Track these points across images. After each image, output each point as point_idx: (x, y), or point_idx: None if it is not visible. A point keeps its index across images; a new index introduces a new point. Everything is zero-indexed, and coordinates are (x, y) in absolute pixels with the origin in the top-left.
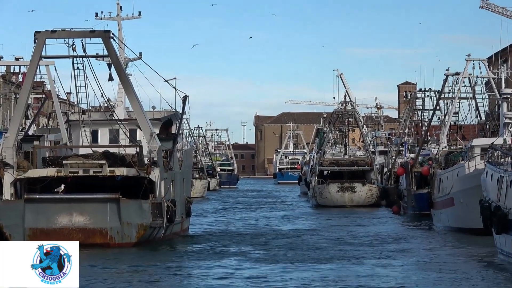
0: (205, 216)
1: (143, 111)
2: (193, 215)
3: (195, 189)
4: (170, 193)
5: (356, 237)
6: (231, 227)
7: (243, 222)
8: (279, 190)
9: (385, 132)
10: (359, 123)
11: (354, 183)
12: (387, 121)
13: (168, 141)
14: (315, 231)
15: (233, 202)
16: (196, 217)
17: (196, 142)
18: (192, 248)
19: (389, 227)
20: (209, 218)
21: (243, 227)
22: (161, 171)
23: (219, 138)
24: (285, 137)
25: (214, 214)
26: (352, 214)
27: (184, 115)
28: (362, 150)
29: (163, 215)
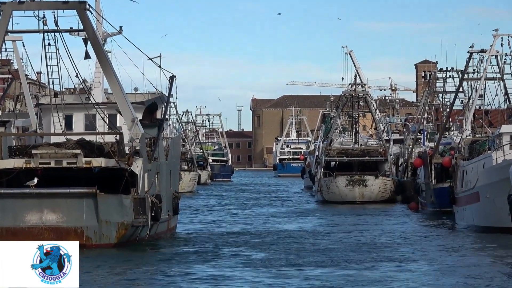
0: (195, 213)
1: (124, 93)
2: (181, 213)
3: (183, 182)
4: (155, 187)
5: (368, 238)
6: (225, 226)
7: (238, 220)
8: (279, 184)
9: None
10: (371, 107)
11: (365, 176)
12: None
13: (153, 127)
14: (321, 231)
15: (227, 198)
16: (184, 215)
17: (184, 129)
18: (180, 250)
19: (405, 226)
20: (200, 216)
21: (238, 227)
22: (145, 162)
23: (211, 124)
24: (287, 123)
25: (205, 212)
26: (363, 211)
27: (171, 98)
28: (375, 138)
29: (147, 212)
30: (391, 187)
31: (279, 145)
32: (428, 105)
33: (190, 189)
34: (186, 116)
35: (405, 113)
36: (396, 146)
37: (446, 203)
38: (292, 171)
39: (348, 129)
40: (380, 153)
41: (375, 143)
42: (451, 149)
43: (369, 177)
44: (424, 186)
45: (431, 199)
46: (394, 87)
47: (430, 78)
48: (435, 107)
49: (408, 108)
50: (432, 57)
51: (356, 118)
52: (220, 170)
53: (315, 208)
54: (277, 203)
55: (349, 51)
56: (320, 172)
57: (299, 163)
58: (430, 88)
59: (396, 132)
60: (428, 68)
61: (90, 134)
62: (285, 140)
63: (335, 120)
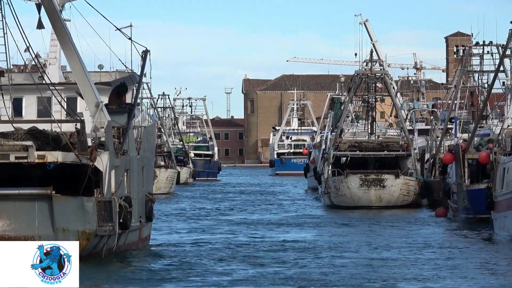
0: (172, 220)
1: (86, 72)
2: (156, 219)
3: (159, 182)
4: (124, 188)
5: (387, 253)
6: (209, 236)
7: (225, 229)
8: (277, 184)
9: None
10: (390, 90)
11: (383, 175)
12: (430, 87)
13: (121, 114)
14: (327, 244)
15: (213, 201)
16: (160, 222)
17: (160, 116)
18: (154, 266)
19: (432, 236)
20: (179, 224)
21: (224, 237)
22: (111, 156)
23: (193, 110)
24: (287, 109)
25: (185, 218)
26: (380, 219)
27: (144, 77)
28: (395, 128)
29: (114, 218)
30: (415, 188)
31: (277, 136)
32: (461, 87)
33: (167, 190)
34: (163, 100)
35: (433, 97)
36: (421, 138)
37: (483, 209)
38: (293, 168)
39: (363, 117)
40: (401, 147)
41: (395, 134)
42: (489, 142)
43: (388, 176)
44: (456, 187)
45: (464, 203)
46: (419, 65)
47: (464, 54)
48: (470, 90)
49: (436, 92)
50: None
51: (373, 103)
52: (204, 167)
53: (321, 215)
54: (273, 209)
55: (364, 20)
56: (327, 170)
57: (301, 159)
58: (464, 67)
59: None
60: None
61: (44, 122)
62: (284, 130)
63: (346, 106)
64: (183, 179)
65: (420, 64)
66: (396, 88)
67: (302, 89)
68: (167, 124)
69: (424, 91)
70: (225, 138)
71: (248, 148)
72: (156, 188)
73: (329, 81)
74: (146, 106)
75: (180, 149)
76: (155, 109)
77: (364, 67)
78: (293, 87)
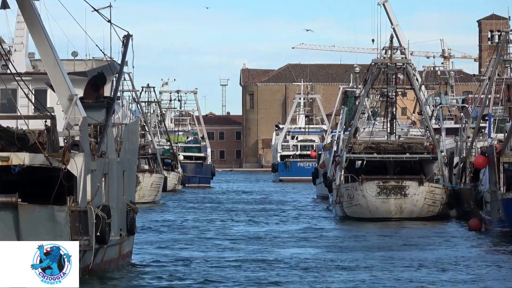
0: (158, 233)
1: (58, 60)
2: (138, 232)
3: (142, 189)
4: (102, 196)
5: (411, 276)
6: (200, 253)
7: (219, 245)
8: (281, 192)
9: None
10: (414, 82)
11: (405, 182)
12: (460, 79)
13: (99, 109)
14: (340, 261)
15: (205, 212)
16: (144, 236)
17: (144, 112)
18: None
19: (464, 253)
20: (165, 237)
21: (218, 254)
22: (87, 159)
23: (183, 105)
24: (292, 104)
25: (172, 231)
26: (401, 233)
27: (125, 67)
28: (419, 127)
29: (90, 231)
30: (442, 197)
31: (280, 136)
32: (496, 79)
33: (152, 199)
34: (147, 93)
35: (463, 91)
36: (449, 139)
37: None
38: (299, 173)
39: (381, 114)
40: (426, 149)
41: (419, 134)
42: None
43: (410, 183)
44: (489, 196)
45: (499, 214)
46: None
47: (500, 40)
48: (507, 83)
49: (467, 84)
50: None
51: (393, 97)
52: (195, 172)
53: (332, 228)
54: (275, 221)
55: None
56: (339, 176)
57: (309, 163)
58: (499, 55)
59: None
60: (497, 27)
61: (9, 118)
62: (289, 129)
63: (361, 101)
64: (170, 186)
65: (448, 52)
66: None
67: (310, 81)
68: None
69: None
70: (220, 138)
71: (246, 149)
72: (139, 196)
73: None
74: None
75: (167, 150)
76: (138, 104)
77: (383, 56)
78: (299, 78)
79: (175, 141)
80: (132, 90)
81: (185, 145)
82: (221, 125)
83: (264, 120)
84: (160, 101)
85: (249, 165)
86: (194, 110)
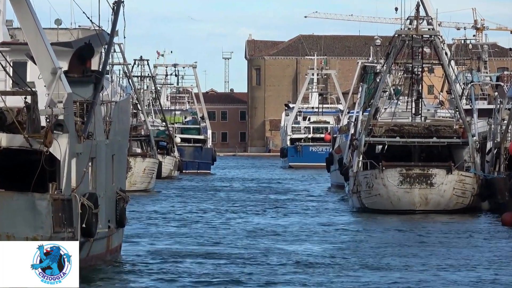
0: (151, 225)
1: (40, 28)
2: (129, 224)
3: (134, 175)
4: (88, 183)
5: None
6: (197, 247)
7: (219, 239)
8: (291, 180)
9: (491, 74)
10: (442, 56)
11: (431, 169)
12: (494, 54)
13: (86, 85)
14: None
15: (203, 201)
16: (135, 228)
17: (137, 89)
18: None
19: (497, 252)
20: (159, 230)
21: (217, 248)
22: (72, 140)
23: (180, 82)
24: (304, 81)
25: (167, 223)
26: (427, 228)
27: (115, 37)
28: (448, 108)
29: (75, 222)
30: (473, 187)
31: (291, 116)
32: None
33: (145, 186)
34: (140, 67)
35: (498, 67)
36: (482, 121)
37: None
38: (311, 159)
39: (405, 92)
40: (455, 132)
41: (448, 116)
42: None
43: (437, 171)
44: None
45: None
46: (481, 24)
47: None
48: None
49: (503, 60)
50: None
51: (418, 74)
52: (194, 156)
53: (348, 221)
54: (284, 212)
55: None
56: (357, 162)
57: (323, 147)
58: None
59: (483, 98)
60: None
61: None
62: (300, 109)
63: (383, 77)
64: (166, 172)
65: (481, 23)
66: (450, 55)
67: (324, 55)
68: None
69: (487, 59)
70: (222, 118)
71: (252, 132)
72: (130, 184)
73: (361, 44)
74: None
75: (163, 132)
76: (130, 79)
77: (408, 26)
78: (312, 51)
79: (171, 121)
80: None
81: (182, 126)
82: (223, 104)
83: (272, 98)
84: (154, 76)
85: (255, 149)
86: (193, 87)
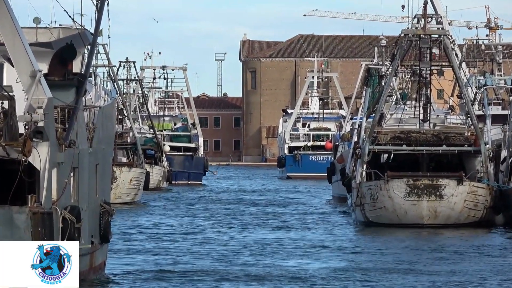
0: (138, 241)
1: (18, 27)
2: (114, 238)
3: (119, 186)
4: (70, 195)
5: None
6: (187, 263)
7: (211, 254)
8: (289, 192)
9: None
10: (452, 58)
11: (440, 180)
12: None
13: (67, 89)
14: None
15: (194, 215)
16: (120, 243)
17: (123, 93)
18: None
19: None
20: (145, 245)
21: (209, 265)
22: (53, 149)
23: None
24: (303, 84)
25: (154, 238)
26: (436, 243)
27: (99, 37)
28: (459, 113)
29: (56, 237)
30: (486, 199)
31: (289, 123)
32: None
33: (131, 198)
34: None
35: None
36: (496, 128)
37: None
38: (311, 169)
39: (412, 97)
40: (467, 140)
41: (458, 122)
42: None
43: (447, 182)
44: None
45: None
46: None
47: None
48: None
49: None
50: None
51: (427, 77)
52: (184, 166)
53: (351, 236)
54: (281, 227)
55: None
56: (361, 172)
57: (324, 156)
58: None
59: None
60: None
61: None
62: (300, 115)
63: (388, 80)
64: (154, 183)
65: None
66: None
67: (325, 56)
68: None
69: (501, 61)
70: (214, 124)
71: (247, 139)
72: (116, 195)
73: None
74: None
75: (150, 139)
76: (115, 82)
77: (415, 25)
78: (312, 52)
79: (159, 128)
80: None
81: (172, 133)
82: (216, 109)
83: (269, 103)
84: (141, 79)
85: (250, 158)
86: (183, 91)
